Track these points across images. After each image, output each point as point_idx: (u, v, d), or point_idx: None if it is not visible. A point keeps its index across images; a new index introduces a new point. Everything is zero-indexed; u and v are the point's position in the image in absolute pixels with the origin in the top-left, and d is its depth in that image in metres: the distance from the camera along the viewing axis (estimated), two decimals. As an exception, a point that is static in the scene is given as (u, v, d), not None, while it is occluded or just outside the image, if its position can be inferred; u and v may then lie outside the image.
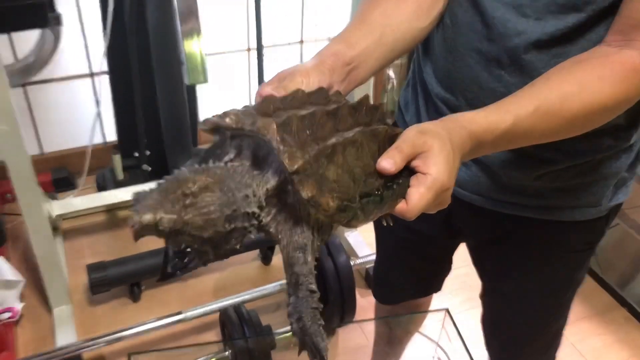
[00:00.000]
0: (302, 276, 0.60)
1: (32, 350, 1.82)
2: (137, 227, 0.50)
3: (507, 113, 0.68)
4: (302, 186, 0.56)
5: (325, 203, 0.57)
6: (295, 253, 0.61)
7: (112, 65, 2.17)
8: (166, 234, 0.51)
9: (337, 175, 0.59)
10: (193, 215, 0.53)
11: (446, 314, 1.38)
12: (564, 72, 0.71)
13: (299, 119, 0.59)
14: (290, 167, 0.55)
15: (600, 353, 1.95)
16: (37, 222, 1.74)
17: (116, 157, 2.27)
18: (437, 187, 0.61)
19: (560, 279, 1.06)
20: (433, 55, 0.94)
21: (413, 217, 0.62)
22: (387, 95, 2.92)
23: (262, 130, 0.56)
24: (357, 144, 0.62)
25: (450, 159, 0.63)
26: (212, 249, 0.55)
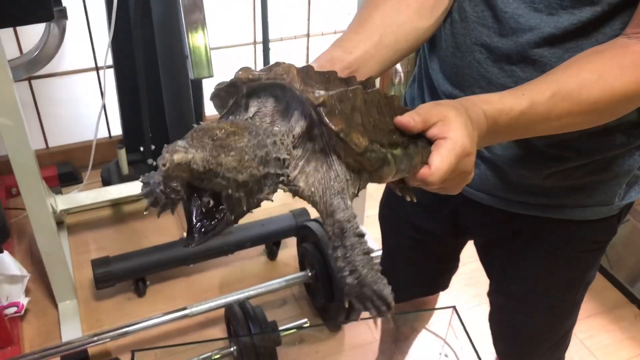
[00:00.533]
0: (345, 222, 0.57)
1: (38, 345, 1.82)
2: (170, 165, 0.47)
3: (523, 96, 0.67)
4: (331, 118, 0.54)
5: (356, 137, 0.55)
6: (334, 199, 0.57)
7: (117, 59, 2.16)
8: (200, 175, 0.48)
9: (362, 120, 0.58)
10: (226, 155, 0.50)
11: (453, 311, 1.36)
12: (583, 61, 0.70)
13: (315, 72, 0.59)
14: (316, 100, 0.54)
15: (609, 350, 1.93)
16: (41, 217, 1.73)
17: (121, 151, 2.27)
18: (458, 150, 0.60)
19: (571, 278, 1.04)
20: (440, 51, 0.92)
21: (437, 183, 0.60)
22: (394, 89, 2.90)
23: (282, 75, 0.55)
24: (375, 102, 0.62)
25: (468, 126, 0.62)
26: (245, 196, 0.52)
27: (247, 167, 0.52)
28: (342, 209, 0.57)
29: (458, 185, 0.66)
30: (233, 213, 0.53)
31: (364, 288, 0.56)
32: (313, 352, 1.81)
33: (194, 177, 0.49)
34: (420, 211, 1.11)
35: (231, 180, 0.51)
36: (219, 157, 0.50)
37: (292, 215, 2.09)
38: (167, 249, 1.96)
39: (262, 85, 0.59)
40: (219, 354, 1.64)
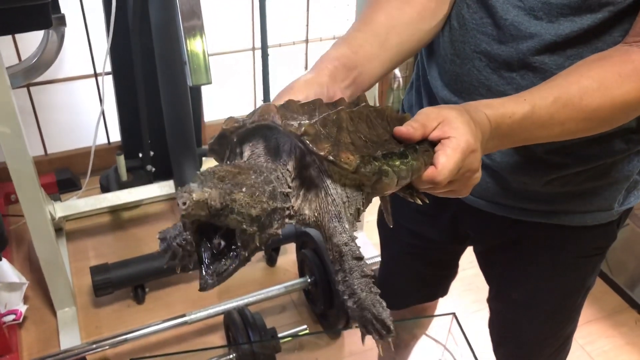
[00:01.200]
0: (343, 246, 0.58)
1: (37, 353, 1.82)
2: (190, 203, 0.48)
3: (524, 101, 0.67)
4: (315, 145, 0.55)
5: (345, 157, 0.56)
6: (331, 224, 0.58)
7: (116, 65, 2.16)
8: (217, 211, 0.50)
9: (352, 139, 0.59)
10: (238, 191, 0.52)
11: (453, 318, 1.36)
12: (584, 68, 0.70)
13: (298, 105, 0.60)
14: (298, 130, 0.55)
15: (610, 356, 1.92)
16: (39, 224, 1.73)
17: (120, 157, 2.27)
18: (463, 147, 0.60)
19: (571, 284, 1.03)
20: (439, 58, 0.91)
21: (444, 182, 0.60)
22: (393, 94, 2.90)
23: (263, 115, 0.57)
24: (363, 117, 0.63)
25: (471, 124, 0.62)
26: (258, 230, 0.54)
27: (258, 202, 0.54)
28: (339, 232, 0.58)
29: (466, 185, 0.66)
30: (247, 249, 0.54)
31: (364, 312, 0.57)
32: (312, 358, 1.80)
33: (211, 215, 0.50)
34: (419, 218, 1.11)
35: (245, 215, 0.52)
36: (233, 194, 0.52)
37: (291, 221, 2.08)
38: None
39: (249, 130, 0.61)
40: (219, 361, 1.64)
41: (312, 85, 0.68)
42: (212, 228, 0.54)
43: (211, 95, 2.53)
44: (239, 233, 0.53)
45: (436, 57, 0.93)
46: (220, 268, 0.55)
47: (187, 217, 0.49)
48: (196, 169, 2.08)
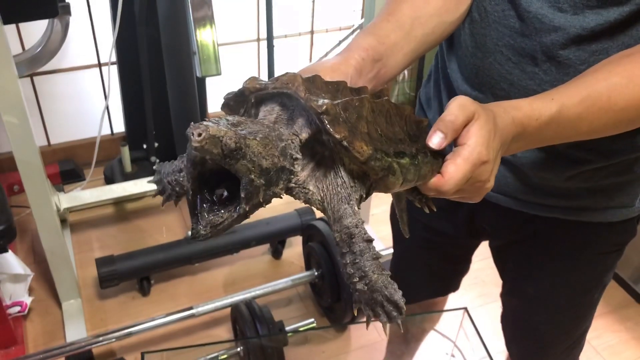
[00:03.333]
0: (354, 228, 0.57)
1: (42, 344, 1.81)
2: (206, 135, 0.47)
3: (552, 101, 0.66)
4: (333, 127, 0.54)
5: (359, 146, 0.55)
6: (342, 205, 0.58)
7: (121, 55, 2.14)
8: (230, 152, 0.49)
9: (368, 130, 0.58)
10: (253, 138, 0.51)
11: (465, 312, 1.36)
12: (613, 64, 0.68)
13: (323, 82, 0.59)
14: (319, 108, 0.54)
15: (616, 350, 1.92)
16: (45, 215, 1.71)
17: (124, 149, 2.25)
18: (475, 158, 0.59)
19: (588, 280, 1.03)
20: (459, 51, 0.90)
21: (451, 192, 0.60)
22: (397, 86, 2.88)
23: (287, 83, 0.56)
24: (384, 111, 0.62)
25: (491, 135, 0.60)
26: (265, 184, 0.52)
27: (270, 155, 0.52)
28: (350, 214, 0.57)
29: (476, 194, 0.65)
30: (249, 202, 0.52)
31: (375, 294, 0.56)
32: (320, 352, 1.80)
33: (223, 155, 0.49)
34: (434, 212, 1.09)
35: (256, 164, 0.51)
36: (247, 139, 0.50)
37: (297, 214, 2.07)
38: (172, 247, 1.94)
39: (269, 94, 0.60)
40: (226, 355, 1.63)
41: (336, 72, 0.68)
42: (212, 179, 0.53)
43: (215, 87, 2.51)
44: (245, 183, 0.51)
45: (456, 49, 0.91)
46: (217, 219, 0.53)
47: (200, 150, 0.47)
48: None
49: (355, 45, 0.72)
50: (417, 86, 2.88)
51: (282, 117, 0.59)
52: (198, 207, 0.53)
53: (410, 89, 2.92)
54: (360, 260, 0.56)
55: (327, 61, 0.69)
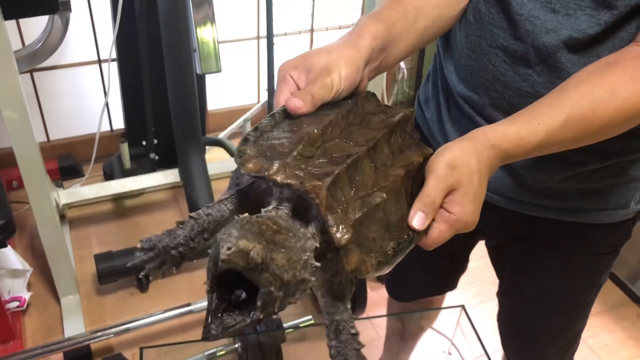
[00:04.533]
0: (342, 322, 0.62)
1: (41, 339, 1.82)
2: (235, 250, 0.48)
3: (538, 126, 0.65)
4: (346, 259, 0.57)
5: (365, 270, 0.58)
6: (335, 303, 0.62)
7: (121, 52, 2.15)
8: (255, 266, 0.49)
9: (376, 233, 0.60)
10: (278, 251, 0.51)
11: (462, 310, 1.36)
12: (595, 76, 0.68)
13: (344, 172, 0.59)
14: (339, 242, 0.56)
15: (611, 349, 1.93)
16: (44, 211, 1.72)
17: (124, 145, 2.25)
18: (459, 227, 0.62)
19: (583, 281, 1.04)
20: (455, 53, 0.91)
21: (430, 249, 0.64)
22: (397, 85, 2.89)
23: (311, 194, 0.56)
24: (395, 191, 0.63)
25: (477, 196, 0.62)
26: (283, 296, 0.53)
27: (293, 268, 0.53)
28: (342, 311, 0.62)
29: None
30: (264, 311, 0.52)
31: None
32: (317, 349, 1.79)
33: (248, 266, 0.49)
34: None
35: (278, 277, 0.51)
36: (274, 252, 0.51)
37: (296, 212, 2.08)
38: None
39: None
40: (224, 351, 1.64)
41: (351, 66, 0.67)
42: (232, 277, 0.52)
43: (215, 84, 2.52)
44: (264, 294, 0.51)
45: (452, 51, 0.92)
46: (229, 322, 0.53)
47: (226, 262, 0.48)
48: (201, 158, 2.06)
49: (366, 30, 0.71)
50: (416, 85, 2.89)
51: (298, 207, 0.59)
52: (214, 305, 0.53)
53: (410, 89, 2.93)
54: (343, 349, 0.62)
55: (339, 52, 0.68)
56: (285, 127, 0.65)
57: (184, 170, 2.07)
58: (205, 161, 2.09)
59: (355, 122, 0.69)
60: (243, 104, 2.75)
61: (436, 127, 1.00)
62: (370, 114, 0.72)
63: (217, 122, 2.68)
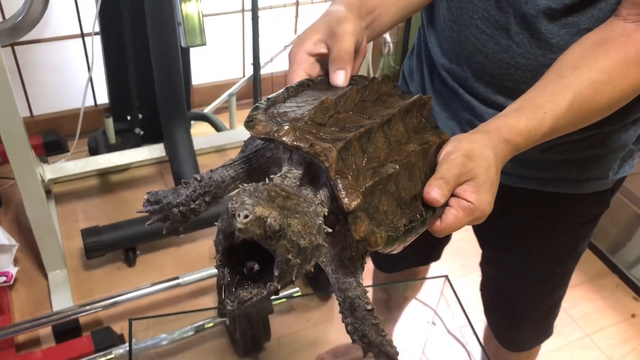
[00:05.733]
0: (357, 299, 0.60)
1: (28, 314, 1.82)
2: (252, 218, 0.45)
3: (545, 115, 0.67)
4: (355, 226, 0.54)
5: (374, 241, 0.55)
6: (347, 278, 0.60)
7: (104, 26, 2.12)
8: (273, 233, 0.47)
9: (387, 206, 0.58)
10: (293, 217, 0.49)
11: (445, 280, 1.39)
12: (590, 60, 0.69)
13: (356, 140, 0.57)
14: (348, 206, 0.53)
15: (591, 318, 1.98)
16: (30, 186, 1.71)
17: (108, 120, 2.24)
18: (476, 215, 0.61)
19: (563, 250, 1.06)
20: (437, 25, 0.92)
21: (443, 236, 0.62)
22: (383, 59, 2.89)
23: (321, 157, 0.54)
24: (409, 166, 0.61)
25: (493, 186, 0.62)
26: (301, 263, 0.51)
27: (309, 233, 0.51)
28: (354, 287, 0.60)
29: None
30: (281, 281, 0.50)
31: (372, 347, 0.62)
32: (304, 320, 1.83)
33: (265, 234, 0.47)
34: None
35: (295, 244, 0.49)
36: (289, 217, 0.49)
37: (283, 186, 2.08)
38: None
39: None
40: (212, 323, 1.66)
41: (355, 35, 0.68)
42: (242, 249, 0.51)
43: (200, 58, 2.50)
44: (281, 263, 0.49)
45: (435, 24, 0.93)
46: (245, 296, 0.51)
47: (243, 232, 0.46)
48: (187, 133, 2.06)
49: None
50: (402, 59, 2.89)
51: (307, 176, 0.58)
52: (227, 280, 0.51)
53: (395, 63, 2.93)
54: (360, 326, 0.60)
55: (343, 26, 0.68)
56: (299, 99, 0.64)
57: (169, 145, 2.07)
58: (191, 136, 2.09)
59: (369, 98, 0.69)
60: (228, 79, 2.73)
61: (420, 99, 1.01)
62: (385, 94, 0.71)
63: (202, 96, 2.67)
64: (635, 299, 2.06)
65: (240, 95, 2.62)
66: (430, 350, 1.56)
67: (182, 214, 0.61)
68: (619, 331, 1.95)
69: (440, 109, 0.96)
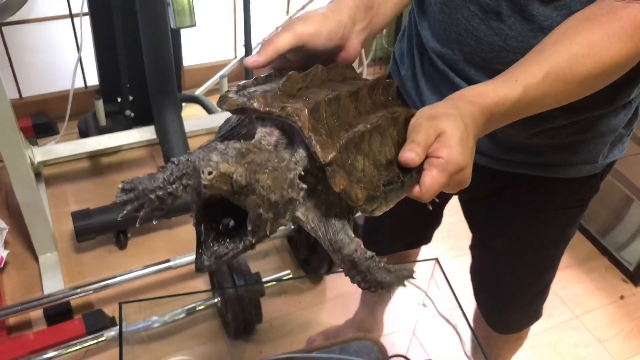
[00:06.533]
0: (354, 254, 0.60)
1: (20, 297, 1.82)
2: (216, 174, 0.46)
3: (516, 83, 0.66)
4: (334, 179, 0.56)
5: (354, 195, 0.57)
6: (337, 236, 0.60)
7: (93, 6, 2.09)
8: (240, 189, 0.48)
9: (364, 165, 0.59)
10: (262, 172, 0.50)
11: (436, 263, 1.39)
12: (572, 34, 0.69)
13: (326, 103, 0.59)
14: (324, 158, 0.55)
15: (581, 300, 2.00)
16: (19, 168, 1.70)
17: (99, 102, 2.22)
18: (451, 169, 0.61)
19: (552, 234, 1.06)
20: (428, 8, 0.91)
21: (428, 200, 0.62)
22: (375, 41, 2.87)
23: (293, 117, 0.56)
24: (380, 130, 0.63)
25: (463, 139, 0.62)
26: (273, 217, 0.52)
27: (279, 188, 0.52)
28: (347, 243, 0.60)
29: (454, 190, 0.67)
30: (255, 236, 0.52)
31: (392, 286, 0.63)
32: (296, 302, 1.84)
33: (232, 190, 0.48)
34: (406, 167, 1.12)
35: (265, 199, 0.50)
36: (257, 173, 0.50)
37: (274, 169, 2.08)
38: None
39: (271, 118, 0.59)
40: (203, 305, 1.66)
41: (330, 20, 0.69)
42: (218, 207, 0.52)
43: (190, 39, 2.47)
44: (253, 218, 0.50)
45: (425, 6, 0.92)
46: (221, 251, 0.53)
47: (209, 188, 0.47)
48: (177, 115, 2.05)
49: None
50: (394, 41, 2.87)
51: (282, 140, 0.58)
52: (203, 236, 0.53)
53: (389, 44, 2.91)
54: (370, 276, 0.61)
55: (318, 10, 0.70)
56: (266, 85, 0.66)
57: (160, 127, 2.06)
58: (182, 118, 2.08)
59: (335, 78, 0.70)
60: (220, 60, 2.71)
61: (410, 84, 1.01)
62: (350, 78, 0.73)
63: (193, 78, 2.65)
64: (624, 281, 2.08)
65: (232, 77, 2.60)
66: (420, 331, 1.57)
67: (159, 199, 0.60)
68: (607, 313, 1.97)
69: (430, 93, 0.96)
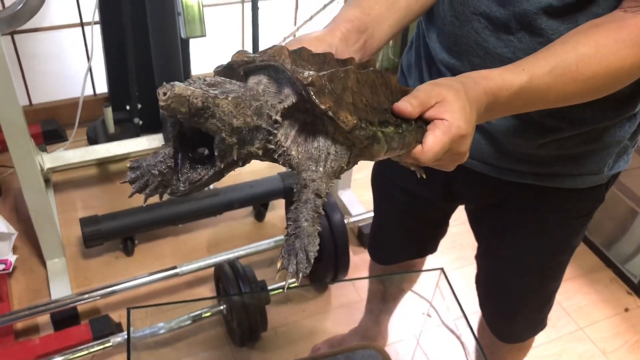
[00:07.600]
0: (310, 181, 0.59)
1: (27, 302, 1.83)
2: (171, 94, 0.49)
3: (522, 71, 0.68)
4: (319, 98, 0.56)
5: (344, 116, 0.57)
6: (307, 162, 0.60)
7: (104, 14, 2.12)
8: (197, 111, 0.50)
9: (353, 100, 0.60)
10: (224, 98, 0.53)
11: (441, 273, 1.40)
12: (581, 35, 0.71)
13: (309, 54, 0.62)
14: (305, 79, 0.56)
15: (585, 311, 2.00)
16: (29, 174, 1.72)
17: (107, 109, 2.24)
18: (454, 132, 0.62)
19: (557, 243, 1.07)
20: (438, 20, 0.92)
21: (429, 162, 0.63)
22: (382, 52, 2.89)
23: (274, 56, 0.58)
24: (370, 83, 0.64)
25: (466, 108, 0.63)
26: (238, 143, 0.55)
27: (242, 114, 0.54)
28: (312, 170, 0.60)
29: (452, 164, 0.68)
30: (223, 160, 0.55)
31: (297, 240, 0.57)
32: (300, 311, 1.84)
33: (191, 114, 0.50)
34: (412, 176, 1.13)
35: (226, 123, 0.53)
36: (217, 98, 0.52)
37: (280, 178, 2.10)
38: (156, 208, 1.96)
39: (257, 67, 0.61)
40: (209, 312, 1.68)
41: (322, 43, 0.70)
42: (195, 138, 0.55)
43: (199, 48, 2.50)
44: (218, 142, 0.53)
45: (435, 18, 0.94)
46: (194, 177, 0.56)
47: (166, 109, 0.50)
48: (186, 123, 2.06)
49: (340, 17, 0.74)
50: (401, 52, 2.89)
51: (270, 89, 0.60)
52: (179, 164, 0.56)
53: (395, 55, 2.93)
54: (300, 207, 0.58)
55: (312, 33, 0.72)
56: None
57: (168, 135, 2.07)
58: (190, 126, 2.09)
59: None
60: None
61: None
62: None
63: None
64: (628, 293, 2.08)
65: (239, 86, 2.61)
66: (425, 341, 1.58)
67: (160, 174, 0.60)
68: (611, 325, 1.97)
69: (438, 104, 0.97)
